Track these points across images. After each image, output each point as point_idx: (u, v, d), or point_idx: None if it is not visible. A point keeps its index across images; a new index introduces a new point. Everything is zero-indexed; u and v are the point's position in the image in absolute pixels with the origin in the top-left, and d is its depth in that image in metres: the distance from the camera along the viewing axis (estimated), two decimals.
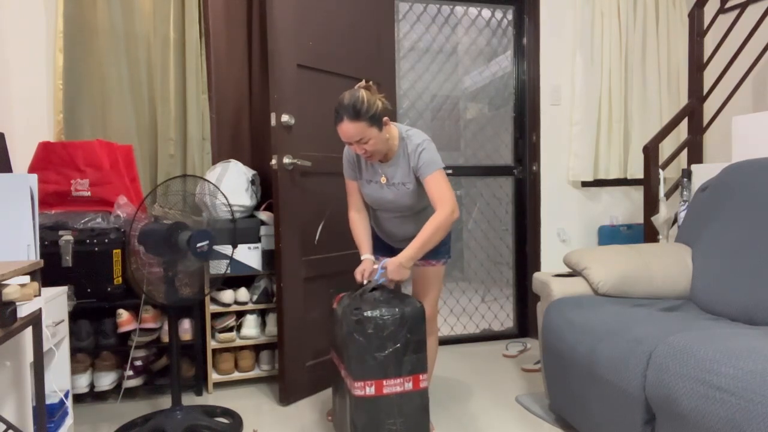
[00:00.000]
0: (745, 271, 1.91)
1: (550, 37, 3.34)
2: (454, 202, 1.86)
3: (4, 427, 1.37)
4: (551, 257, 3.39)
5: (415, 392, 1.79)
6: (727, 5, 3.24)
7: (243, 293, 2.61)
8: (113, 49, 2.65)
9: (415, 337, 1.78)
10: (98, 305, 2.34)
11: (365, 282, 1.92)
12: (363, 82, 1.90)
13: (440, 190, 1.86)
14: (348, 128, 1.81)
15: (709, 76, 3.08)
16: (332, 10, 2.52)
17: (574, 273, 2.25)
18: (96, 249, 2.28)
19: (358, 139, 1.83)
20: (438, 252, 2.06)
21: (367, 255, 2.00)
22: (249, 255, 2.59)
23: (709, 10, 3.17)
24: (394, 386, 1.76)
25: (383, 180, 1.98)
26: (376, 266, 1.92)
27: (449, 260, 2.13)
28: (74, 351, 2.32)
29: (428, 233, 1.84)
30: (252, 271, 2.60)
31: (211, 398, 2.51)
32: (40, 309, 1.51)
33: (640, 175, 3.32)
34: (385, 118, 1.88)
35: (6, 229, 1.72)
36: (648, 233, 2.85)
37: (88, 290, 2.30)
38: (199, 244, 2.00)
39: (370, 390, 1.74)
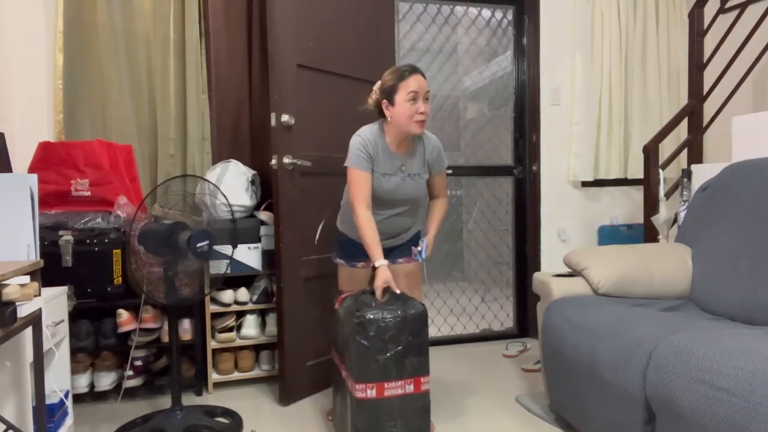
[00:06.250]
0: (745, 271, 1.91)
1: (550, 37, 3.34)
2: None
3: (4, 427, 1.36)
4: (551, 257, 3.39)
5: (416, 395, 1.78)
6: (727, 5, 3.23)
7: (243, 293, 2.61)
8: (113, 49, 2.64)
9: (417, 339, 1.78)
10: (98, 305, 2.34)
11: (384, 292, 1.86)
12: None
13: (446, 184, 2.22)
14: (421, 79, 1.94)
15: (709, 76, 3.08)
16: (332, 10, 2.52)
17: (574, 273, 2.25)
18: (96, 249, 2.28)
19: (426, 91, 1.95)
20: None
21: (383, 261, 1.89)
22: (249, 255, 2.59)
23: (709, 10, 3.16)
24: (395, 389, 1.76)
25: (403, 169, 2.04)
26: (418, 248, 2.09)
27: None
28: (74, 351, 2.32)
29: (442, 216, 2.17)
30: (252, 271, 2.60)
31: (211, 398, 2.51)
32: (40, 309, 1.51)
33: (640, 175, 3.32)
34: None
35: (6, 229, 1.72)
36: (648, 233, 2.85)
37: (88, 290, 2.30)
38: (199, 244, 2.00)
39: (371, 392, 1.74)
